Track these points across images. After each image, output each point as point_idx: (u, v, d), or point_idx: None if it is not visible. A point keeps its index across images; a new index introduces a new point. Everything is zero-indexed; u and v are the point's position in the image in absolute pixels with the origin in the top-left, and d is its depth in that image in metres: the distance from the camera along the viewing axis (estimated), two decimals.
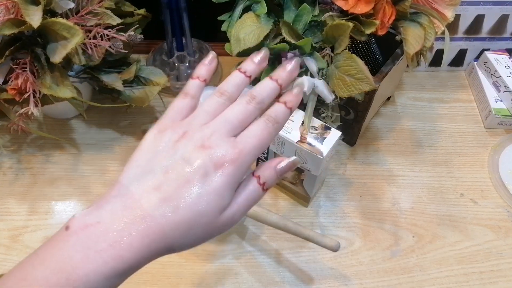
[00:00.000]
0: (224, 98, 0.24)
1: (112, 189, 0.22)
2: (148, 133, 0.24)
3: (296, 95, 0.25)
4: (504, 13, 0.56)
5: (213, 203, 0.21)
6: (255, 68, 0.25)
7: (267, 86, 0.24)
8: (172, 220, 0.21)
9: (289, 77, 0.25)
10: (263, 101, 0.24)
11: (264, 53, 0.25)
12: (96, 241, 0.20)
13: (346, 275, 0.43)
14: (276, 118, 0.24)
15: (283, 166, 0.24)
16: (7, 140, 0.52)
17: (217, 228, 0.22)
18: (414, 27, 0.40)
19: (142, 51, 0.59)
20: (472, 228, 0.47)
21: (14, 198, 0.48)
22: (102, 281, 0.20)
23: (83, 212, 0.21)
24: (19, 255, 0.43)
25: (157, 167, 0.22)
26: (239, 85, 0.25)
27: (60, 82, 0.41)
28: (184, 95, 0.25)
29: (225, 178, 0.21)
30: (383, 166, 0.52)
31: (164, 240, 0.21)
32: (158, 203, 0.21)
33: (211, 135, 0.22)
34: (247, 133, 0.23)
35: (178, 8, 0.51)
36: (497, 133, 0.56)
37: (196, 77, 0.25)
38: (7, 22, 0.37)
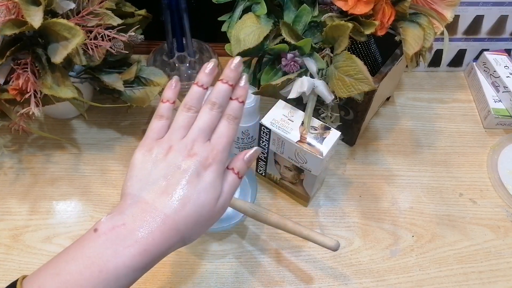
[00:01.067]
0: (191, 112, 0.29)
1: (125, 199, 0.26)
2: (136, 154, 0.28)
3: (243, 87, 0.30)
4: (503, 14, 0.56)
5: (211, 194, 0.27)
6: (209, 79, 0.30)
7: (222, 90, 0.29)
8: (182, 214, 0.26)
9: (236, 74, 0.30)
10: (222, 104, 0.29)
11: (213, 64, 0.30)
12: (124, 239, 0.24)
13: (345, 275, 0.43)
14: (234, 114, 0.30)
15: (249, 156, 0.30)
16: (8, 140, 0.52)
17: (215, 215, 0.28)
18: (413, 28, 0.40)
19: (143, 51, 0.59)
20: (471, 228, 0.47)
21: (15, 198, 0.48)
22: (129, 273, 0.24)
23: (107, 217, 0.25)
24: (20, 255, 0.44)
25: (158, 177, 0.27)
26: (199, 98, 0.30)
27: (61, 82, 0.41)
28: (159, 117, 0.30)
29: (213, 173, 0.27)
30: (383, 166, 0.52)
31: (178, 233, 0.25)
32: (169, 203, 0.26)
33: (192, 145, 0.28)
34: (217, 135, 0.29)
35: (178, 9, 0.51)
36: (496, 133, 0.56)
37: (166, 101, 0.30)
38: (8, 22, 0.38)
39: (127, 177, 0.27)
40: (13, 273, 0.42)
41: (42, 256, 0.44)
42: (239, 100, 0.30)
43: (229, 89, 0.29)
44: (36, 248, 0.44)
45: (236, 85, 0.30)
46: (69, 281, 0.23)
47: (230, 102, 0.30)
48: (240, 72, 0.30)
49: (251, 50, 0.42)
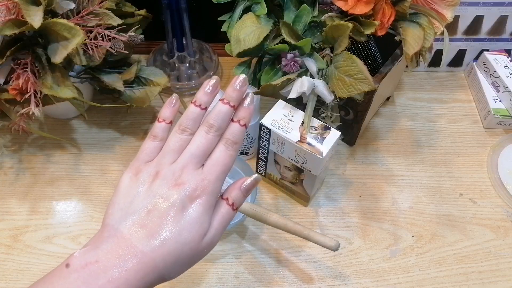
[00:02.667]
0: (186, 134, 0.26)
1: (103, 231, 0.24)
2: (123, 177, 0.26)
3: (247, 109, 0.27)
4: (503, 14, 0.56)
5: (195, 231, 0.24)
6: (208, 99, 0.27)
7: (221, 111, 0.26)
8: (161, 252, 0.23)
9: (239, 95, 0.27)
10: (220, 127, 0.26)
11: (215, 81, 0.27)
12: (96, 277, 0.22)
13: (345, 275, 0.43)
14: (234, 139, 0.26)
15: (246, 185, 0.27)
16: (8, 140, 0.52)
17: (200, 253, 0.25)
18: (413, 28, 0.40)
19: (143, 51, 0.59)
20: (471, 228, 0.47)
21: (15, 198, 0.48)
22: None
23: (81, 251, 0.23)
24: (20, 255, 0.44)
25: (139, 207, 0.24)
26: (196, 119, 0.27)
27: (61, 82, 0.41)
28: (153, 137, 0.27)
29: (201, 207, 0.24)
30: (383, 166, 0.52)
31: (156, 271, 0.23)
32: (147, 239, 0.23)
33: (181, 172, 0.25)
34: (211, 162, 0.26)
35: (178, 9, 0.51)
36: (496, 133, 0.56)
37: (162, 120, 0.28)
38: (8, 22, 0.38)
39: (110, 203, 0.25)
40: (13, 273, 0.42)
41: (42, 256, 0.44)
42: (241, 122, 0.27)
43: (230, 111, 0.26)
44: (36, 248, 0.44)
45: (239, 105, 0.27)
46: None
47: (231, 125, 0.27)
48: (244, 91, 0.27)
49: (251, 50, 0.42)
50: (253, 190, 0.44)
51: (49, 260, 0.43)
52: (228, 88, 0.27)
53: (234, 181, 0.27)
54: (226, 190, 0.27)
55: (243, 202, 0.27)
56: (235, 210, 0.26)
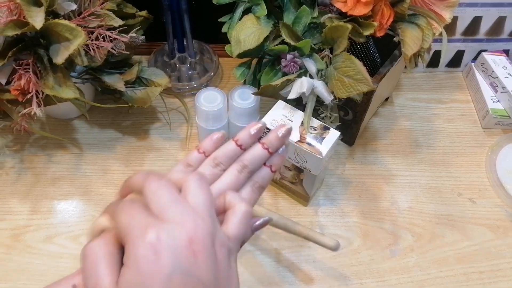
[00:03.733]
0: (218, 169, 0.26)
1: None
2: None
3: (281, 156, 0.27)
4: (501, 15, 0.56)
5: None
6: (251, 141, 0.26)
7: (258, 155, 0.26)
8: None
9: (280, 144, 0.26)
10: (254, 169, 0.26)
11: (261, 126, 0.27)
12: None
13: (345, 275, 0.43)
14: (261, 183, 0.26)
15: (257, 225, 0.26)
16: (10, 140, 0.52)
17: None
18: (412, 29, 0.41)
19: (144, 52, 0.60)
20: (470, 228, 0.47)
21: (16, 198, 0.48)
22: None
23: None
24: (20, 255, 0.44)
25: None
26: (233, 157, 0.26)
27: (63, 83, 0.42)
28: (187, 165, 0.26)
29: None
30: (382, 166, 0.52)
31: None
32: None
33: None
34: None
35: (179, 10, 0.52)
36: (495, 133, 0.56)
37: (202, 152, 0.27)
38: (10, 23, 0.38)
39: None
40: (13, 273, 0.42)
41: (43, 256, 0.44)
42: (273, 168, 0.27)
43: (267, 156, 0.26)
44: (37, 248, 0.44)
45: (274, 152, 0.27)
46: None
47: (262, 168, 0.26)
48: (285, 141, 0.27)
49: (251, 51, 0.42)
50: None
51: (50, 260, 0.43)
52: (271, 134, 0.26)
53: None
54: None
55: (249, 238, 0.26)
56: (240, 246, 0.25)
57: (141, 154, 0.52)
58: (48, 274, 0.42)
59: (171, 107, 0.57)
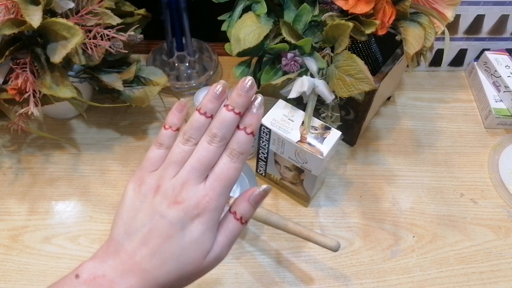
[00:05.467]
0: (189, 145, 0.25)
1: (109, 245, 0.24)
2: (128, 187, 0.25)
3: (255, 115, 0.25)
4: (504, 13, 0.56)
5: (196, 251, 0.24)
6: (214, 106, 0.25)
7: (225, 119, 0.24)
8: (164, 271, 0.23)
9: (246, 101, 0.24)
10: (225, 136, 0.24)
11: (222, 87, 0.25)
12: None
13: (346, 275, 0.43)
14: (239, 149, 0.24)
15: (255, 196, 0.25)
16: (7, 140, 0.52)
17: (204, 269, 0.25)
18: (414, 27, 0.40)
19: (142, 51, 0.59)
20: (472, 228, 0.47)
21: (14, 198, 0.48)
22: None
23: (90, 264, 0.24)
24: (19, 255, 0.43)
25: (141, 225, 0.24)
26: (201, 128, 0.25)
27: (60, 82, 0.41)
28: (159, 145, 0.26)
29: (202, 226, 0.23)
30: (383, 166, 0.52)
31: (160, 286, 0.23)
32: (149, 258, 0.23)
33: (182, 188, 0.24)
34: (214, 176, 0.24)
35: (178, 8, 0.51)
36: (497, 133, 0.56)
37: (168, 127, 0.26)
38: (7, 22, 0.37)
39: (116, 213, 0.25)
40: (12, 274, 0.42)
41: (41, 256, 0.43)
42: (247, 130, 0.24)
43: (235, 118, 0.24)
44: (35, 249, 0.44)
45: (246, 110, 0.24)
46: None
47: (236, 133, 0.24)
48: (251, 96, 0.24)
49: (251, 50, 0.42)
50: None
51: (48, 260, 0.43)
52: (233, 93, 0.24)
53: (242, 192, 0.26)
54: (234, 203, 0.25)
55: (252, 214, 0.25)
56: (244, 224, 0.25)
57: (140, 154, 0.52)
58: (47, 275, 0.42)
59: (170, 107, 0.56)
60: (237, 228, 0.25)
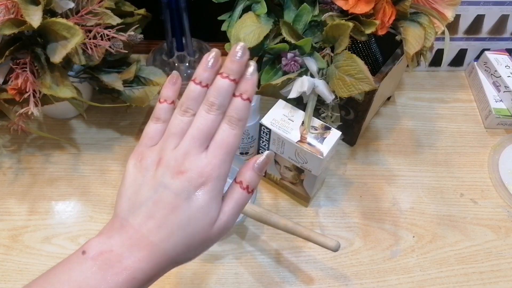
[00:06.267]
0: (187, 116, 0.25)
1: (114, 221, 0.24)
2: (129, 164, 0.25)
3: (249, 80, 0.25)
4: (504, 13, 0.56)
5: (202, 221, 0.24)
6: (209, 75, 0.25)
7: (221, 87, 0.24)
8: (171, 242, 0.23)
9: (240, 67, 0.24)
10: (222, 104, 0.24)
11: (215, 54, 0.25)
12: (112, 265, 0.22)
13: (346, 275, 0.43)
14: (237, 116, 0.24)
15: (259, 163, 0.25)
16: (7, 140, 0.52)
17: (212, 239, 0.25)
18: (414, 27, 0.40)
19: (142, 51, 0.59)
20: (472, 228, 0.47)
21: (14, 198, 0.48)
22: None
23: (96, 240, 0.24)
24: (19, 255, 0.43)
25: (145, 198, 0.24)
26: (198, 98, 0.25)
27: (60, 82, 0.41)
28: (156, 120, 0.26)
29: (207, 195, 0.23)
30: (383, 166, 0.52)
31: (168, 259, 0.23)
32: (155, 230, 0.23)
33: (184, 158, 0.24)
34: (215, 144, 0.24)
35: (178, 8, 0.51)
36: (497, 133, 0.56)
37: (163, 100, 0.26)
38: (7, 22, 0.37)
39: (118, 191, 0.25)
40: (12, 274, 0.42)
41: (41, 256, 0.43)
42: (243, 96, 0.24)
43: (231, 85, 0.24)
44: (35, 249, 0.44)
45: (241, 78, 0.24)
46: None
47: (233, 100, 0.24)
48: (245, 62, 0.24)
49: (251, 50, 0.42)
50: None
51: (48, 260, 0.43)
52: (226, 60, 0.24)
53: (246, 162, 0.26)
54: (239, 173, 0.25)
55: (258, 183, 0.26)
56: (250, 193, 0.25)
57: None
58: None
59: None
60: (244, 197, 0.25)
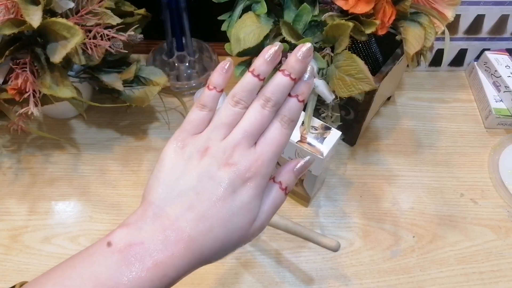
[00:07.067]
0: (239, 107, 0.24)
1: (147, 210, 0.22)
2: (167, 148, 0.24)
3: (307, 83, 0.24)
4: (504, 13, 0.56)
5: (244, 218, 0.22)
6: (268, 68, 0.24)
7: (281, 84, 0.23)
8: (209, 237, 0.22)
9: (303, 67, 0.23)
10: (278, 101, 0.23)
11: (277, 49, 0.24)
12: (141, 260, 0.21)
13: (346, 275, 0.43)
14: (290, 116, 0.24)
15: (300, 167, 0.25)
16: (7, 140, 0.52)
17: (248, 238, 0.23)
18: (414, 27, 0.40)
19: (142, 51, 0.59)
20: (472, 228, 0.47)
21: (13, 198, 0.48)
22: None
23: (123, 230, 0.22)
24: (19, 255, 0.43)
25: (187, 188, 0.22)
26: (252, 90, 0.24)
27: (60, 82, 0.41)
28: (201, 107, 0.24)
29: (253, 191, 0.23)
30: (383, 166, 0.52)
31: (202, 256, 0.22)
32: (195, 223, 0.22)
33: (233, 150, 0.23)
34: (265, 141, 0.23)
35: (178, 8, 0.51)
36: (497, 133, 0.56)
37: (213, 88, 0.24)
38: (7, 22, 0.37)
39: (152, 176, 0.23)
40: (11, 274, 0.42)
41: (41, 256, 0.43)
42: (300, 98, 0.24)
43: (290, 84, 0.23)
44: (35, 249, 0.44)
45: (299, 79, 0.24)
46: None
47: (288, 100, 0.24)
48: (308, 63, 0.24)
49: (251, 50, 0.42)
50: None
51: (48, 260, 0.43)
52: (291, 58, 0.23)
53: (285, 163, 0.25)
54: (278, 173, 0.25)
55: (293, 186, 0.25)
56: (286, 195, 0.25)
57: (140, 154, 0.52)
58: None
59: (170, 107, 0.56)
60: (281, 198, 0.24)
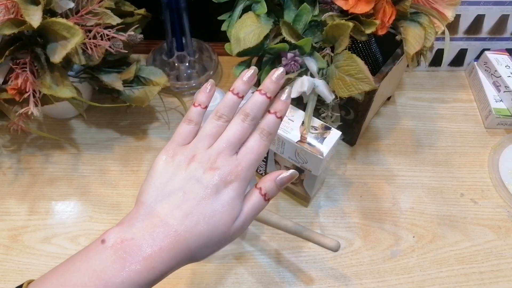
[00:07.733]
0: (222, 121, 0.27)
1: (138, 209, 0.25)
2: (159, 158, 0.27)
3: (284, 102, 0.28)
4: (504, 13, 0.56)
5: (227, 214, 0.25)
6: (245, 87, 0.28)
7: (258, 101, 0.27)
8: (194, 232, 0.24)
9: (276, 87, 0.28)
10: (256, 116, 0.27)
11: (253, 71, 0.28)
12: (132, 254, 0.23)
13: (346, 275, 0.43)
14: (269, 130, 0.27)
15: (282, 178, 0.28)
16: (7, 140, 0.52)
17: (230, 236, 0.26)
18: (414, 27, 0.40)
19: (142, 51, 0.59)
20: (472, 228, 0.47)
21: (14, 198, 0.48)
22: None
23: (116, 228, 0.24)
24: (19, 255, 0.43)
25: (176, 188, 0.25)
26: (233, 107, 0.28)
27: (60, 82, 0.41)
28: (188, 121, 0.28)
29: (234, 192, 0.26)
30: (383, 166, 0.52)
31: (188, 251, 0.24)
32: (181, 219, 0.24)
33: (217, 157, 0.26)
34: (246, 150, 0.27)
35: (178, 8, 0.51)
36: (497, 133, 0.56)
37: (198, 105, 0.29)
38: (7, 22, 0.37)
39: (145, 182, 0.26)
40: (12, 274, 0.42)
41: (41, 256, 0.43)
42: (278, 115, 0.28)
43: (266, 102, 0.28)
44: (35, 249, 0.44)
45: (276, 98, 0.28)
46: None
47: (266, 116, 0.28)
48: (281, 84, 0.28)
49: (251, 50, 0.42)
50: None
51: (48, 260, 0.43)
52: (266, 80, 0.28)
53: (269, 173, 0.28)
54: (261, 180, 0.28)
55: (275, 194, 0.28)
56: (266, 201, 0.27)
57: (140, 154, 0.52)
58: None
59: (170, 107, 0.56)
60: (260, 202, 0.27)
